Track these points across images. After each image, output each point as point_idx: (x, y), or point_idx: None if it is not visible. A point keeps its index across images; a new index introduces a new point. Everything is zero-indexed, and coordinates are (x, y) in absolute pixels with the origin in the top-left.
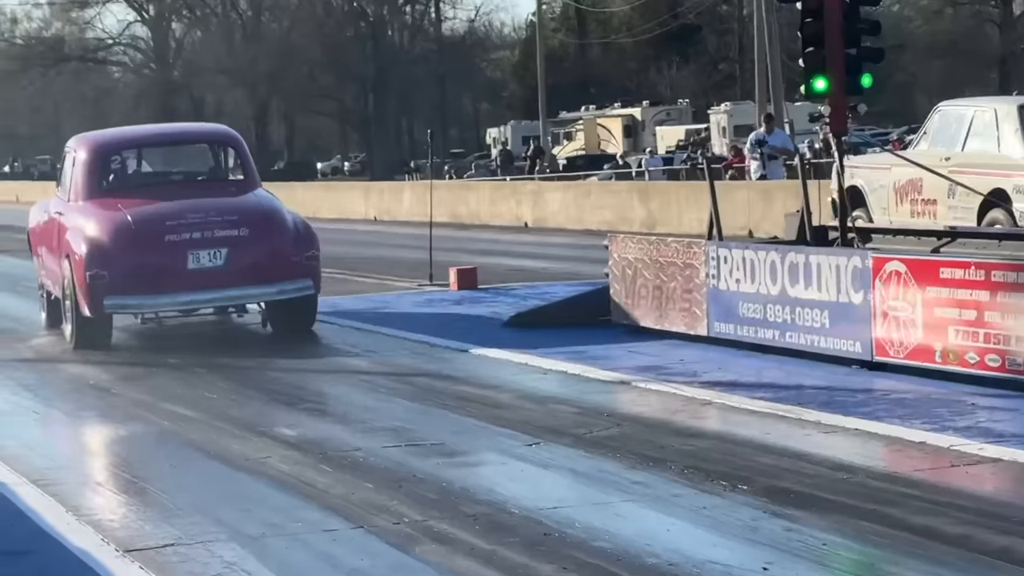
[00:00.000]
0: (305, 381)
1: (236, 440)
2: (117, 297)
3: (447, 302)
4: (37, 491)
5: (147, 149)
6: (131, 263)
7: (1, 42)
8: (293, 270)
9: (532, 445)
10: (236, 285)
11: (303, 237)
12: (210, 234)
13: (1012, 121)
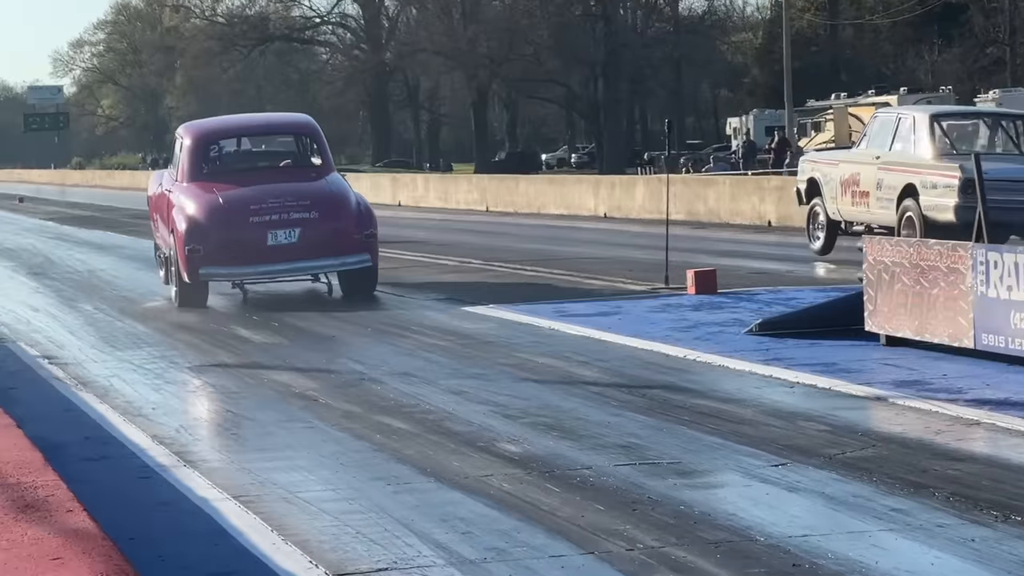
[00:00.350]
0: (528, 392)
1: (454, 456)
2: (210, 267)
3: (684, 307)
4: (240, 508)
5: (241, 139)
6: (221, 240)
7: (202, 20)
8: (354, 246)
9: (778, 466)
10: (306, 258)
11: (364, 218)
12: (286, 216)
13: (925, 127)
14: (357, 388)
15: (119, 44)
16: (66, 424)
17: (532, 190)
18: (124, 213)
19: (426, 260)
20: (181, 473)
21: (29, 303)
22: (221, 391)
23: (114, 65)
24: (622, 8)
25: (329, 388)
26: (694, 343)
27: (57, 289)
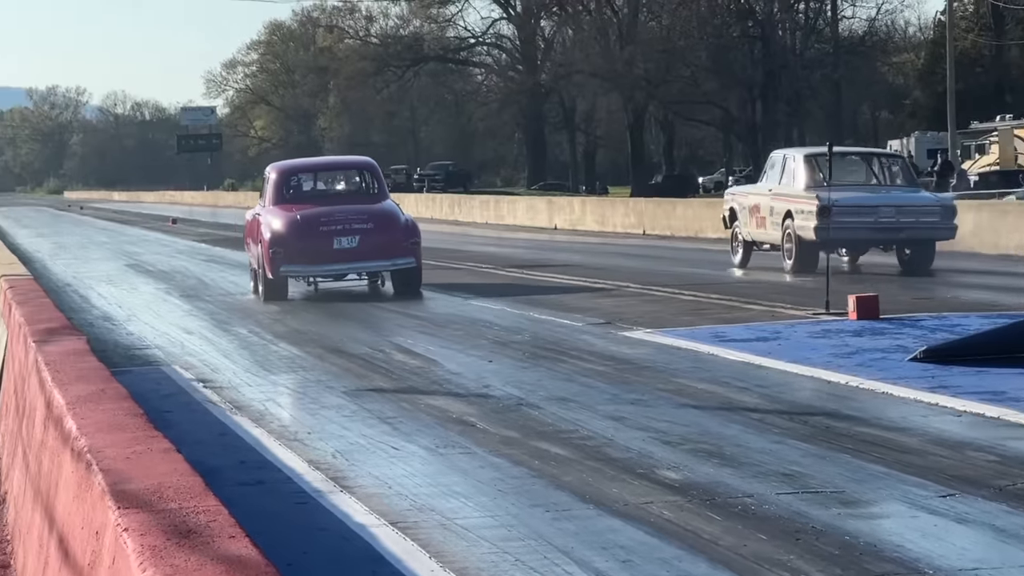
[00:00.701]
0: (688, 418)
1: (614, 483)
2: (288, 266)
3: (845, 333)
4: (397, 534)
5: (320, 174)
6: (297, 244)
7: (356, 41)
8: (401, 251)
9: (946, 496)
10: (364, 260)
11: (409, 230)
12: (348, 227)
13: (800, 165)
14: (515, 413)
15: (272, 65)
16: (221, 448)
17: (689, 213)
18: None
19: (582, 284)
20: (338, 499)
21: (183, 326)
22: (377, 416)
23: (267, 86)
24: (781, 29)
25: (486, 413)
26: (856, 369)
27: (211, 312)
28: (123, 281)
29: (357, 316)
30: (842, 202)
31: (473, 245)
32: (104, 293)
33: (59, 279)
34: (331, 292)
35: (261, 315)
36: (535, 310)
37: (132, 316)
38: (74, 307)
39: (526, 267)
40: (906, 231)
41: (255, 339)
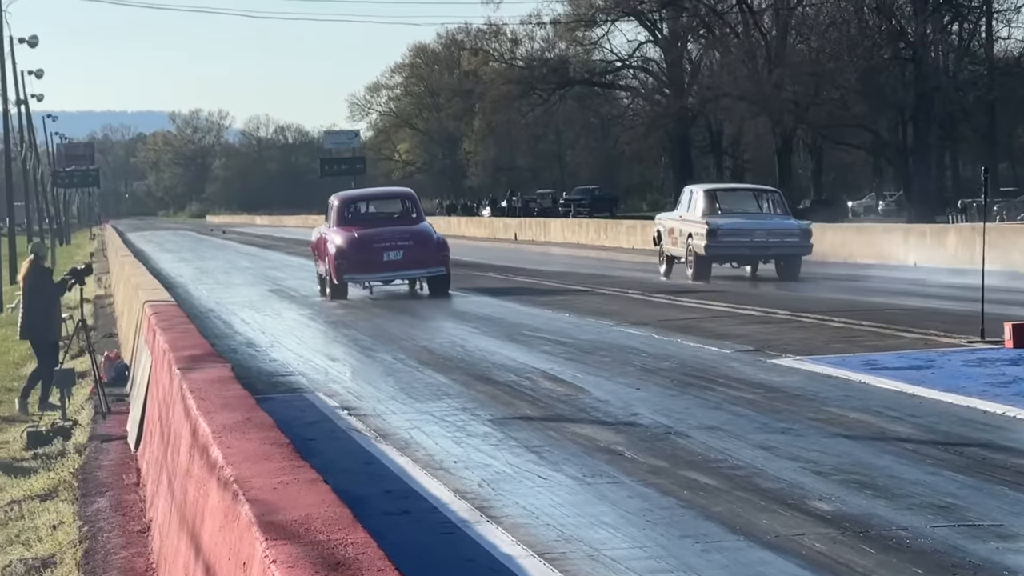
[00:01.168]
0: (839, 448)
1: (764, 514)
2: (349, 274)
3: (1002, 362)
4: (545, 566)
5: (373, 201)
6: (355, 256)
7: (501, 64)
8: (434, 261)
9: None
10: (406, 268)
11: (440, 245)
12: (394, 244)
13: (700, 197)
14: (663, 442)
15: (416, 88)
16: (366, 477)
17: (839, 239)
18: None
19: (730, 310)
20: (484, 529)
21: (326, 352)
22: (524, 444)
23: (411, 109)
24: (933, 50)
25: (634, 442)
26: (1013, 399)
27: (354, 338)
28: (266, 307)
29: (502, 342)
30: (725, 226)
31: (619, 270)
32: (247, 319)
33: (202, 305)
34: (483, 316)
35: (406, 341)
36: (683, 337)
37: (275, 342)
38: (217, 333)
39: (673, 293)
40: (774, 249)
41: (400, 366)
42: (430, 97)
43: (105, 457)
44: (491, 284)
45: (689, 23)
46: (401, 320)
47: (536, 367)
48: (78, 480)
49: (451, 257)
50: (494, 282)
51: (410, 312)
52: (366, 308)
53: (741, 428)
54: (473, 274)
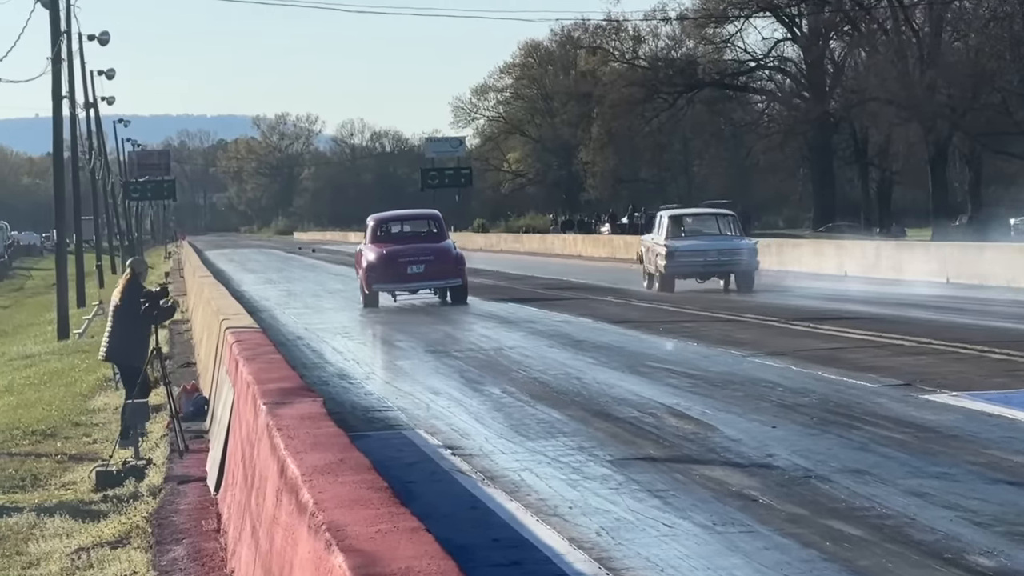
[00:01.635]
0: (1002, 496)
1: (917, 569)
2: (378, 284)
3: None
4: None
5: (401, 222)
6: (384, 269)
7: (622, 64)
8: (452, 274)
9: None
10: (428, 279)
11: (458, 259)
12: (417, 259)
13: (665, 221)
14: (803, 487)
15: (528, 90)
16: (472, 524)
17: (1001, 259)
18: (535, 283)
19: (876, 339)
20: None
21: (428, 385)
22: (647, 488)
23: (522, 114)
24: None
25: (770, 486)
26: None
27: (460, 369)
28: (360, 334)
29: (622, 374)
30: (682, 248)
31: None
32: (340, 347)
33: (290, 331)
34: (601, 344)
35: (516, 372)
36: (824, 369)
37: (371, 374)
38: (307, 363)
39: (812, 319)
40: (726, 266)
41: (509, 400)
42: (543, 101)
43: (182, 500)
44: (610, 310)
45: (832, 19)
46: (512, 351)
47: (660, 402)
48: (152, 526)
49: (569, 280)
50: (613, 307)
51: (522, 342)
52: (471, 337)
53: (890, 472)
54: (590, 299)
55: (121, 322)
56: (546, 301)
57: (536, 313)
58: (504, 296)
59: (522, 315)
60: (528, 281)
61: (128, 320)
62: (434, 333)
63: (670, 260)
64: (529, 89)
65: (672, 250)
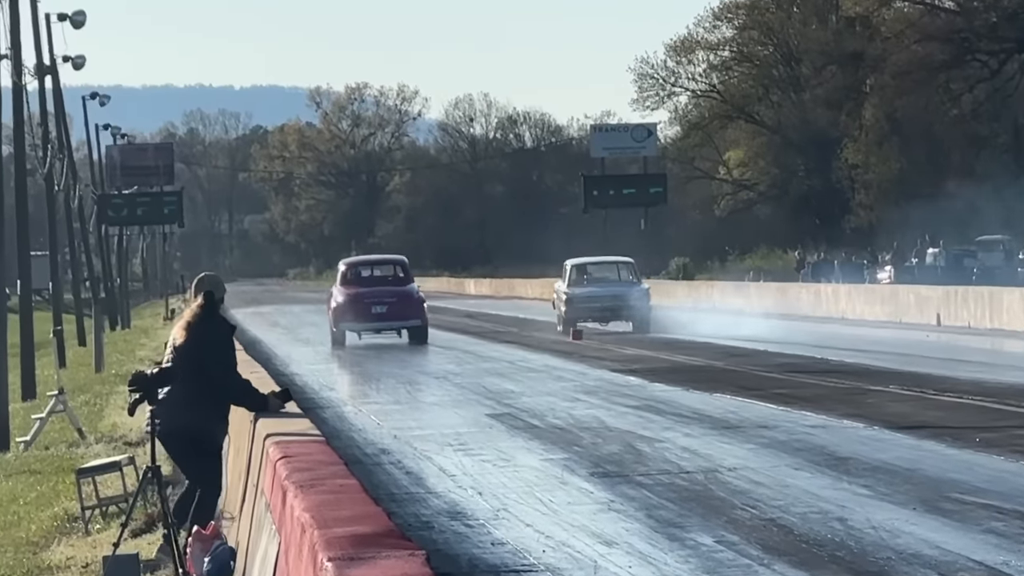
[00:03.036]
0: None
1: None
2: (344, 323)
3: None
4: None
5: (369, 266)
6: (350, 309)
7: (912, 5)
8: (413, 315)
9: None
10: (390, 320)
11: (420, 302)
12: (381, 300)
13: (569, 270)
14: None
15: (760, 48)
16: None
17: None
18: (767, 362)
19: None
20: None
21: (596, 530)
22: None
23: (749, 87)
24: None
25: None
26: None
27: (646, 504)
28: (483, 444)
29: (912, 513)
30: (579, 295)
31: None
32: (450, 466)
33: (369, 439)
34: (877, 465)
35: (740, 511)
36: None
37: (502, 510)
38: (397, 493)
39: None
40: (622, 311)
41: (728, 556)
42: (784, 65)
43: None
44: (893, 407)
45: None
46: (733, 474)
47: (977, 560)
48: None
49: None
50: (897, 403)
51: (749, 460)
52: (666, 451)
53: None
54: (860, 389)
55: (192, 377)
56: (787, 392)
57: (772, 413)
58: (717, 383)
59: (749, 415)
60: (755, 359)
61: (199, 368)
62: (605, 444)
63: (570, 306)
64: (762, 46)
65: (571, 296)
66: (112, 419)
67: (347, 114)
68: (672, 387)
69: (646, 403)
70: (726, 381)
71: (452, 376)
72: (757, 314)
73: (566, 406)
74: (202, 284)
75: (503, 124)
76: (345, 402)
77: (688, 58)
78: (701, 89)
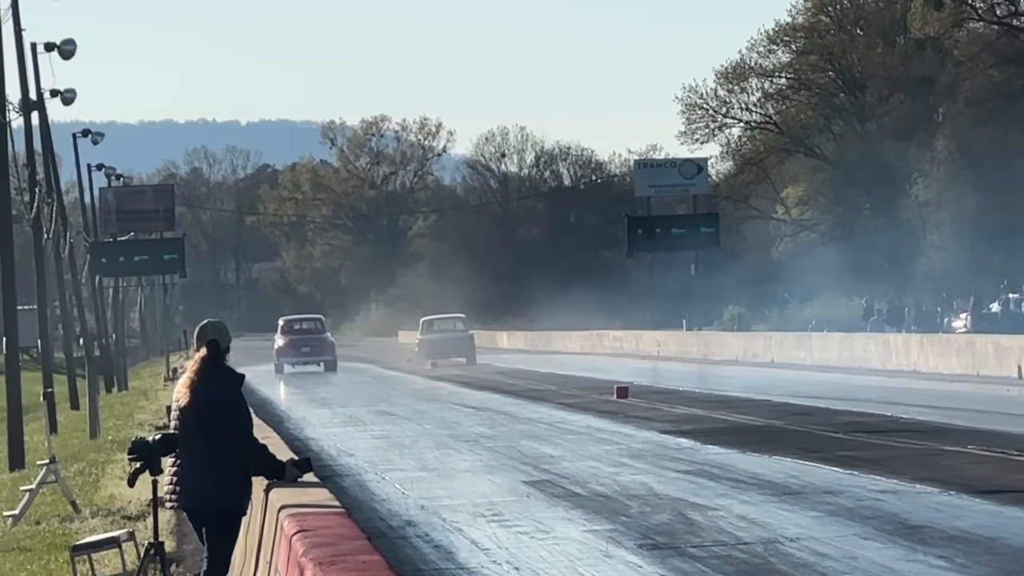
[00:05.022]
0: None
1: None
2: (283, 359)
3: None
4: None
5: (299, 322)
6: (287, 350)
7: (988, 25)
8: (326, 353)
9: None
10: (311, 356)
11: (331, 345)
12: (306, 343)
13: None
14: None
15: (819, 74)
16: None
17: None
18: (828, 420)
19: None
20: None
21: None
22: None
23: (808, 117)
24: None
25: None
26: None
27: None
28: (520, 514)
29: None
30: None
31: None
32: (483, 539)
33: (393, 510)
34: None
35: None
36: None
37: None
38: (425, 569)
39: None
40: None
41: None
42: (847, 93)
43: None
44: (970, 470)
45: None
46: (795, 545)
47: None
48: None
49: (895, 415)
50: (975, 465)
51: (813, 530)
52: (721, 520)
53: None
54: (937, 448)
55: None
56: (854, 454)
57: (837, 477)
58: (776, 445)
59: (812, 480)
60: (818, 418)
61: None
62: (654, 513)
63: (421, 346)
64: (822, 72)
65: (423, 341)
66: (110, 490)
67: (365, 151)
68: (727, 449)
69: (699, 467)
70: (786, 442)
71: (484, 439)
72: (820, 368)
73: (611, 471)
74: (205, 332)
75: (538, 160)
76: (367, 469)
77: (741, 86)
78: (755, 120)
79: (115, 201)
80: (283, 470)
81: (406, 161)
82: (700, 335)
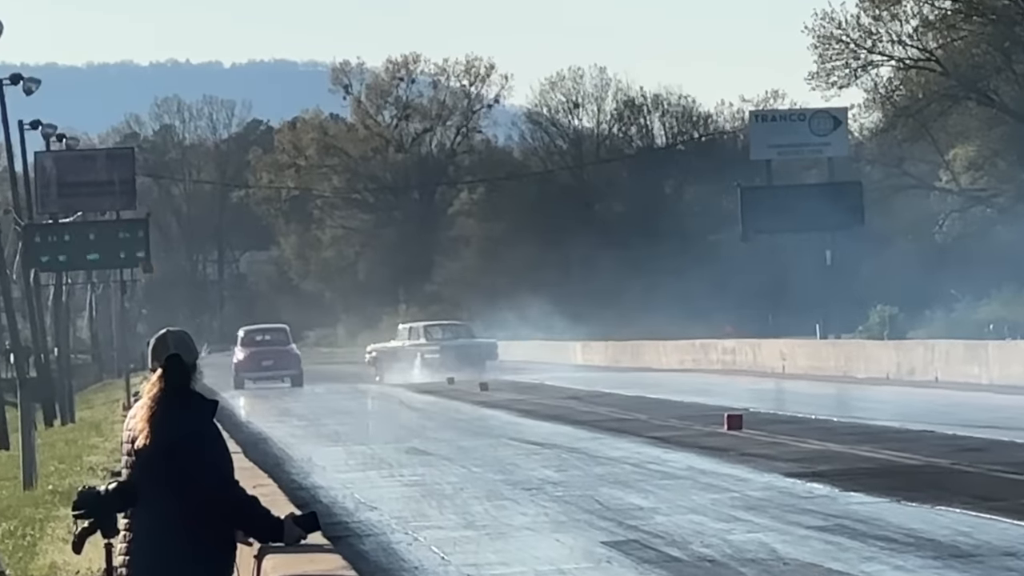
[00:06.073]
0: None
1: None
2: (243, 374)
3: None
4: None
5: (261, 333)
6: (248, 364)
7: None
8: (291, 367)
9: None
10: (275, 371)
11: (295, 357)
12: (268, 356)
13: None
14: None
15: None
16: None
17: None
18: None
19: None
20: None
21: None
22: None
23: (981, 54)
24: None
25: None
26: None
27: None
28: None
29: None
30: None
31: None
32: None
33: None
34: None
35: None
36: None
37: None
38: None
39: None
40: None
41: None
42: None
43: None
44: None
45: None
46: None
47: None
48: None
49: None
50: None
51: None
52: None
53: None
54: None
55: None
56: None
57: (1021, 533)
58: (941, 492)
59: (988, 538)
60: (997, 454)
61: (180, 490)
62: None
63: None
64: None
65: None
66: (50, 557)
67: (390, 101)
68: (875, 498)
69: (837, 522)
70: (954, 488)
71: (551, 486)
72: (999, 388)
73: (719, 528)
74: (164, 345)
75: (622, 113)
76: (394, 527)
77: (892, 12)
78: (912, 57)
79: (56, 170)
80: (281, 529)
81: (446, 115)
82: (839, 345)
